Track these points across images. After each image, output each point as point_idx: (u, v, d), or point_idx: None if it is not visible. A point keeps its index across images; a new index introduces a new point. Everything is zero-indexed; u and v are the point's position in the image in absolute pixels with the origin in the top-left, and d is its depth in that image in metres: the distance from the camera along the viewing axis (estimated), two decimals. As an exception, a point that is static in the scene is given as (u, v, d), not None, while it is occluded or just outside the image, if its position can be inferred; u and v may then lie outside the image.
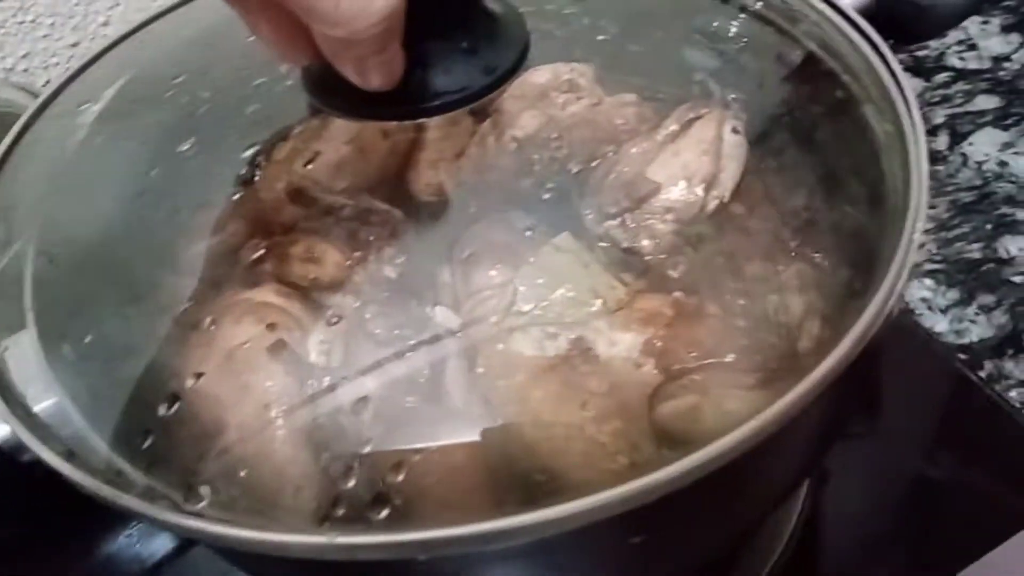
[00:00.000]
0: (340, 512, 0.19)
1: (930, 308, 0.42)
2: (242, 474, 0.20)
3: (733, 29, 0.27)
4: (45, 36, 0.53)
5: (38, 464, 0.25)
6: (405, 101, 0.23)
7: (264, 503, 0.19)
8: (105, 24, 0.53)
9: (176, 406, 0.20)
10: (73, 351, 0.22)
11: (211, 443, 0.20)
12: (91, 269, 0.24)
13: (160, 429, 0.20)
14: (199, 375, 0.21)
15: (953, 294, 0.43)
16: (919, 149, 0.23)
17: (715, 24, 0.27)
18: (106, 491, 0.20)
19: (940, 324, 0.42)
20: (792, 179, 0.23)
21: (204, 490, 0.20)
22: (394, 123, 0.23)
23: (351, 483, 0.19)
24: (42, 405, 0.22)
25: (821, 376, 0.19)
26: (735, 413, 0.19)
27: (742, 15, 0.27)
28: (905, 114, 0.24)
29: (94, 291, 0.23)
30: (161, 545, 0.41)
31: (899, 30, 0.30)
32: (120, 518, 0.41)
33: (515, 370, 0.20)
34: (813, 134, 0.24)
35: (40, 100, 0.29)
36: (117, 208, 0.25)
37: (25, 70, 0.54)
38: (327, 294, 0.21)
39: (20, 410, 0.22)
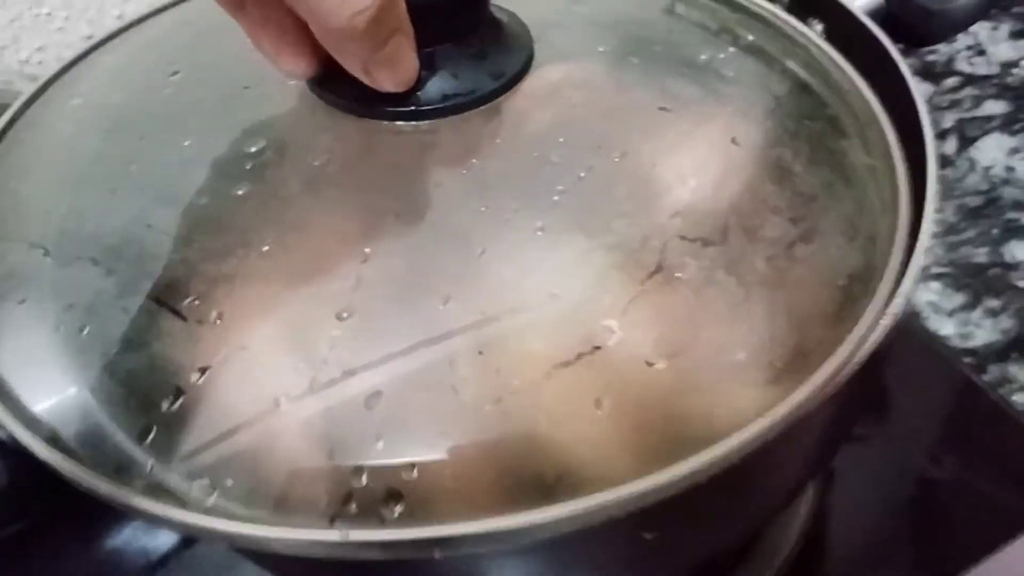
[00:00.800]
0: (352, 509, 0.19)
1: (936, 311, 0.43)
2: (251, 471, 0.20)
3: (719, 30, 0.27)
4: (59, 29, 0.53)
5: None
6: (414, 102, 0.23)
7: (274, 500, 0.19)
8: (119, 17, 0.53)
9: (181, 401, 0.20)
10: (70, 345, 0.22)
11: (218, 439, 0.20)
12: (89, 262, 0.23)
13: (165, 425, 0.20)
14: (205, 369, 0.20)
15: (959, 298, 0.43)
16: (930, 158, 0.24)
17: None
18: (104, 488, 0.20)
19: (946, 327, 0.42)
20: (801, 174, 0.23)
21: (211, 488, 0.19)
22: (396, 124, 0.23)
23: (363, 480, 0.19)
24: (41, 402, 0.22)
25: (829, 374, 0.20)
26: (745, 411, 0.19)
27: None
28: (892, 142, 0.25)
29: (92, 284, 0.22)
30: (167, 539, 0.41)
31: (908, 33, 0.30)
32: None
33: (525, 368, 0.20)
34: (795, 145, 0.24)
35: (27, 94, 0.29)
36: (115, 201, 0.24)
37: (39, 62, 0.54)
38: (334, 290, 0.21)
39: (14, 406, 0.22)
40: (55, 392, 0.22)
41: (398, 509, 0.19)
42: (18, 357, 0.22)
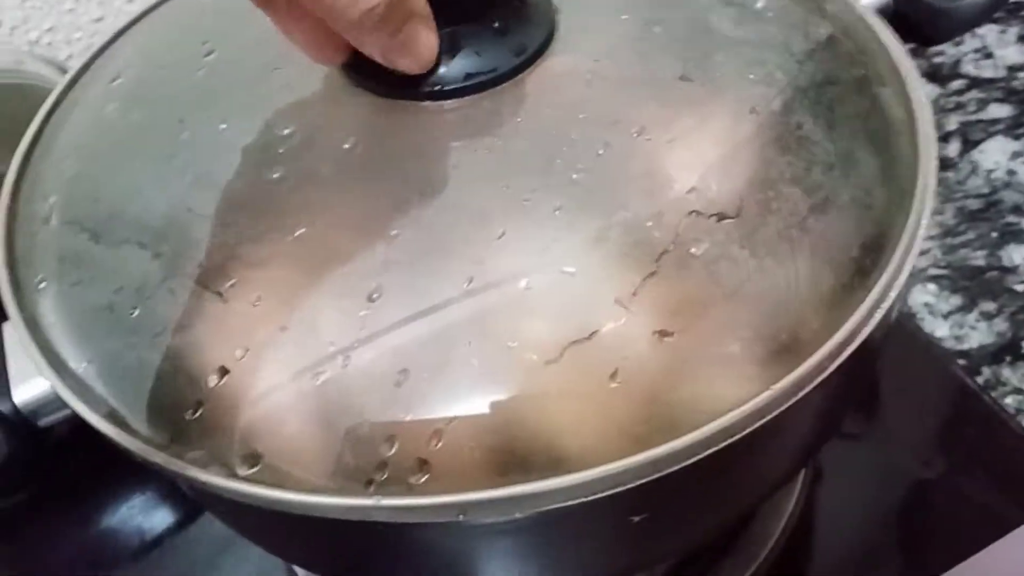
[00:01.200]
0: (382, 477, 0.20)
1: (931, 313, 0.43)
2: (290, 443, 0.21)
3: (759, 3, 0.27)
4: (70, 10, 0.54)
5: (50, 431, 0.26)
6: (437, 82, 0.23)
7: (312, 470, 0.20)
8: (130, 1, 0.54)
9: (226, 379, 0.21)
10: (121, 325, 0.23)
11: (260, 413, 0.21)
12: (136, 245, 0.24)
13: (211, 400, 0.21)
14: (247, 349, 0.21)
15: (955, 300, 0.43)
16: (928, 138, 0.24)
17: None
18: (158, 458, 0.21)
19: (941, 329, 0.42)
20: (805, 164, 0.23)
21: (254, 458, 0.21)
22: (420, 104, 0.24)
23: (393, 450, 0.20)
24: (96, 378, 0.23)
25: (816, 363, 0.20)
26: (735, 400, 0.20)
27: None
28: (917, 100, 0.25)
29: (140, 267, 0.23)
30: (162, 519, 0.41)
31: (915, 32, 0.30)
32: (121, 490, 0.42)
33: (540, 346, 0.20)
34: (829, 114, 0.25)
35: (69, 75, 0.30)
36: (158, 185, 0.25)
37: (49, 44, 0.55)
38: (365, 271, 0.22)
39: (72, 382, 0.23)
40: (109, 369, 0.23)
41: (424, 477, 0.20)
42: (74, 336, 0.24)
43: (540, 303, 0.21)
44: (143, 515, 0.42)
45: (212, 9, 0.31)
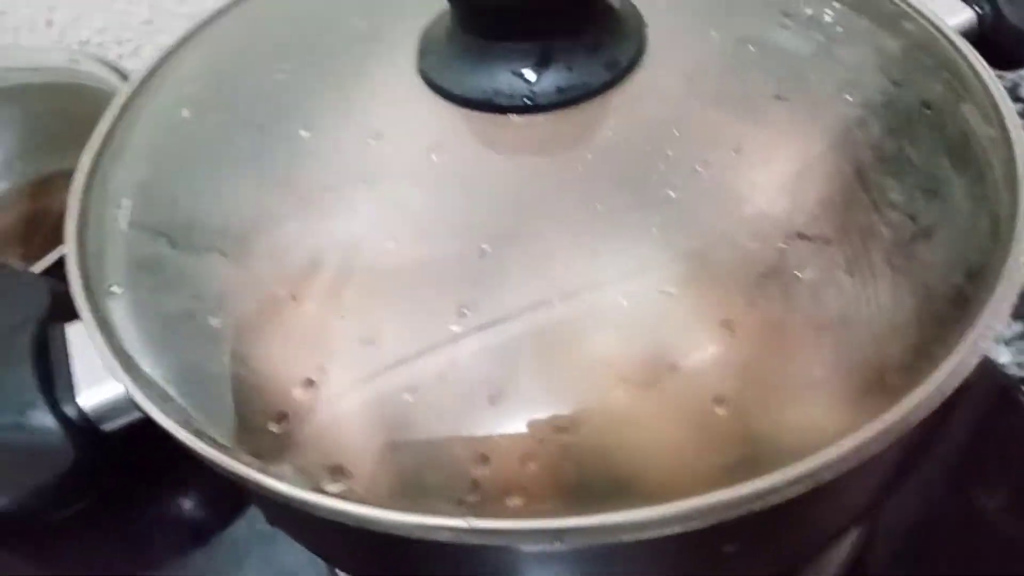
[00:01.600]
0: (474, 499, 0.19)
1: (993, 339, 0.42)
2: (378, 458, 0.20)
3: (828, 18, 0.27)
4: (121, 11, 0.54)
5: (116, 436, 0.25)
6: (528, 96, 0.23)
7: (401, 488, 0.20)
8: (181, 2, 0.54)
9: (311, 391, 0.21)
10: (202, 333, 0.22)
11: (347, 428, 0.20)
12: (217, 252, 0.23)
13: (296, 412, 0.21)
14: (334, 362, 0.21)
15: (1017, 326, 0.43)
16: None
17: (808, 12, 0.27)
18: (243, 471, 0.20)
19: (1003, 356, 0.42)
20: (906, 188, 0.23)
21: (340, 473, 0.20)
22: (510, 116, 0.23)
23: (486, 471, 0.19)
24: (176, 387, 0.22)
25: (929, 394, 0.20)
26: (821, 432, 0.19)
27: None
28: (1012, 124, 0.25)
29: (221, 274, 0.23)
30: (209, 514, 0.41)
31: (999, 56, 0.30)
32: (170, 488, 0.42)
33: (627, 371, 0.20)
34: (927, 137, 0.24)
35: (137, 77, 0.30)
36: (239, 192, 0.24)
37: (99, 44, 0.55)
38: (455, 286, 0.21)
39: (150, 390, 0.22)
40: (186, 376, 0.22)
41: (517, 499, 0.19)
42: (149, 342, 0.23)
43: (638, 324, 0.21)
44: (193, 512, 0.42)
45: (285, 15, 0.30)
